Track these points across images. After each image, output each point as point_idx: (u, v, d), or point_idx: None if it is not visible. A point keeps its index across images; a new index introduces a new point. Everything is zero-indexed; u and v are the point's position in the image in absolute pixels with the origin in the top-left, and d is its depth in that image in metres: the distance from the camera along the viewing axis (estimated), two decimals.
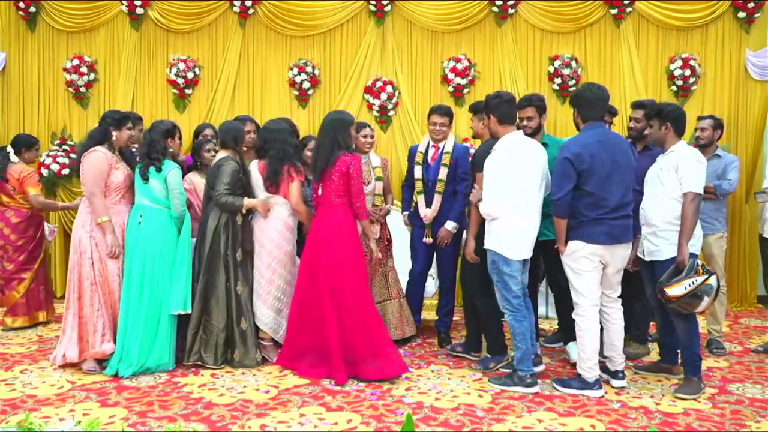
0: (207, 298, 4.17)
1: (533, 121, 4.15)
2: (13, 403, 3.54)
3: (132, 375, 3.95)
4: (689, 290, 3.50)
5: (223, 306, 4.16)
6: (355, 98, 6.22)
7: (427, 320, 5.10)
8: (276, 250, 4.23)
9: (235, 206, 4.16)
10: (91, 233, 4.11)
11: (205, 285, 4.16)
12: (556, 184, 3.64)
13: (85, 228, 4.13)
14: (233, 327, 4.18)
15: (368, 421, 3.31)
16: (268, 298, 4.23)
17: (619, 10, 6.02)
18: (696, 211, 3.64)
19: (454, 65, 6.08)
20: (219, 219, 4.19)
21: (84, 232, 4.12)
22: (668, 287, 3.54)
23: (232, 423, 3.30)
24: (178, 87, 6.28)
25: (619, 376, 3.81)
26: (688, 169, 3.64)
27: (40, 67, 6.47)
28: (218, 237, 4.17)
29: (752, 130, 6.02)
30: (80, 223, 4.18)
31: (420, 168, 4.72)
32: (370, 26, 6.21)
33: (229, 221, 4.20)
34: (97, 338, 4.05)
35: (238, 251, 4.22)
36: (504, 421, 3.33)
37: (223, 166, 4.19)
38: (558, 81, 6.09)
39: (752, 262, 5.91)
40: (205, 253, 4.17)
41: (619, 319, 3.80)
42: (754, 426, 3.31)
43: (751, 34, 6.00)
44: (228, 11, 6.29)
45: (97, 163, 4.12)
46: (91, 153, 4.15)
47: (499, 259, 3.76)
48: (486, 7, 6.10)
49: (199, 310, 4.15)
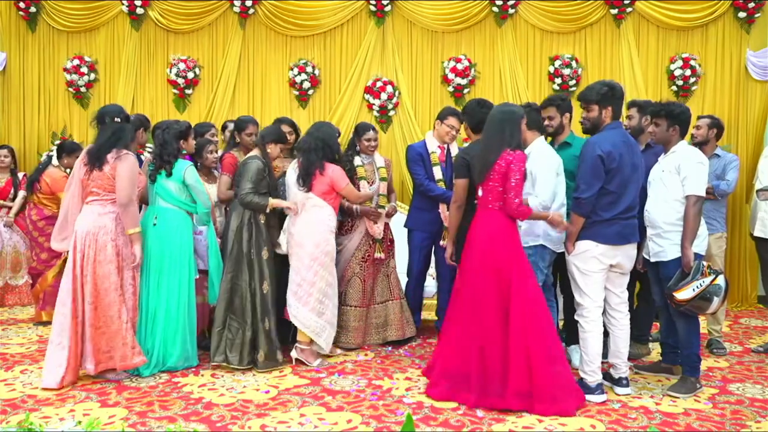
0: (231, 297, 4.14)
1: (554, 121, 4.16)
2: (14, 403, 3.53)
3: (151, 375, 3.98)
4: (697, 292, 3.49)
5: (248, 305, 4.11)
6: (356, 98, 6.23)
7: (427, 320, 5.09)
8: (316, 251, 4.13)
9: (260, 205, 4.14)
10: (116, 240, 3.83)
11: (229, 284, 4.14)
12: (586, 182, 3.57)
13: (108, 235, 3.82)
14: (258, 326, 4.12)
15: (368, 421, 3.31)
16: (310, 300, 4.13)
17: (620, 10, 6.03)
18: (699, 213, 3.64)
19: (455, 65, 6.09)
20: (242, 218, 4.16)
21: (108, 239, 3.81)
22: (677, 291, 3.54)
23: (232, 423, 3.30)
24: (178, 87, 6.29)
25: (622, 383, 3.76)
26: (690, 172, 3.63)
27: (41, 67, 6.47)
28: (240, 236, 4.14)
29: (752, 130, 6.02)
30: (97, 228, 3.82)
31: (439, 168, 4.69)
32: (371, 26, 6.21)
33: (251, 220, 4.17)
34: (128, 351, 3.83)
35: (263, 250, 4.19)
36: (504, 421, 3.33)
37: (248, 164, 4.18)
38: (558, 81, 6.09)
39: (752, 262, 5.90)
40: (228, 252, 4.16)
41: (625, 325, 3.74)
42: (755, 426, 3.30)
43: (751, 34, 6.00)
44: (228, 11, 6.30)
45: (135, 168, 3.88)
46: (128, 156, 3.86)
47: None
48: (486, 7, 6.11)
49: (224, 309, 4.12)
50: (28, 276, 5.90)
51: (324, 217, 4.19)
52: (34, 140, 6.48)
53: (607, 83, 3.73)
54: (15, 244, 5.92)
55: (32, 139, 6.48)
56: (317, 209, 4.18)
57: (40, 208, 5.48)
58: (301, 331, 4.18)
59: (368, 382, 3.92)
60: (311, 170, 4.16)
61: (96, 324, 3.80)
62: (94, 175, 3.85)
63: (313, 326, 4.15)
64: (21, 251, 5.94)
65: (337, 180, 4.19)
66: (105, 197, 3.87)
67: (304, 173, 4.18)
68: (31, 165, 6.40)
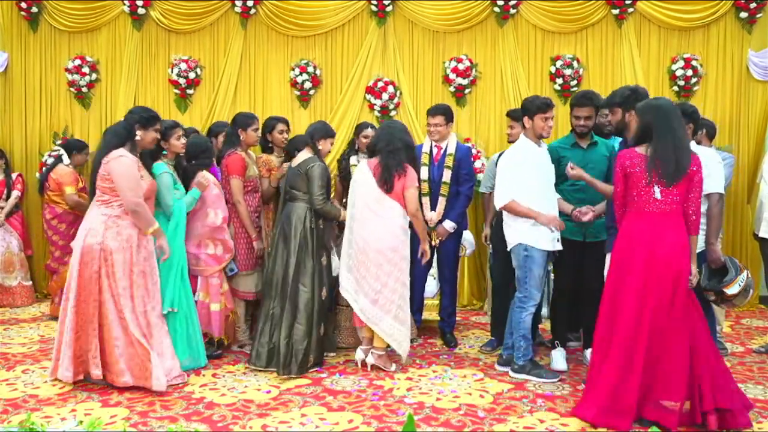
0: (296, 304, 4.08)
1: (590, 121, 4.19)
2: (15, 403, 3.54)
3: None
4: (743, 286, 3.51)
5: (310, 311, 4.07)
6: (357, 98, 6.23)
7: (427, 320, 5.09)
8: (392, 254, 4.02)
9: (334, 215, 4.16)
10: (102, 244, 3.67)
11: (294, 290, 4.08)
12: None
13: (95, 237, 3.67)
14: (313, 332, 4.08)
15: (369, 422, 3.31)
16: (392, 308, 4.01)
17: (621, 10, 6.02)
18: (722, 210, 3.68)
19: (456, 65, 6.08)
20: (305, 222, 4.12)
21: (94, 241, 3.67)
22: (727, 287, 3.51)
23: (233, 423, 3.30)
24: (180, 87, 6.29)
25: None
26: (712, 170, 3.62)
27: (42, 67, 6.48)
28: (306, 241, 4.10)
29: (754, 130, 6.02)
30: (83, 229, 3.74)
31: (426, 169, 4.69)
32: (372, 26, 6.21)
33: (316, 225, 4.15)
34: (167, 358, 3.75)
35: (323, 256, 4.19)
36: (505, 421, 3.33)
37: (313, 168, 4.12)
38: (560, 81, 6.08)
39: (753, 262, 5.89)
40: (291, 257, 4.09)
41: None
42: (756, 426, 3.29)
43: (753, 34, 6.00)
44: (229, 11, 6.30)
45: (132, 168, 3.72)
46: (118, 158, 3.70)
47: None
48: (487, 7, 6.11)
49: (290, 318, 4.06)
50: (22, 277, 5.97)
51: (396, 217, 4.06)
52: (36, 140, 6.47)
53: (631, 87, 3.77)
54: (9, 245, 5.90)
55: (34, 139, 6.48)
56: (390, 210, 4.05)
57: (51, 207, 5.52)
58: (378, 337, 4.07)
59: (369, 382, 3.92)
60: (393, 171, 4.01)
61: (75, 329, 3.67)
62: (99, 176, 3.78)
63: (397, 335, 4.04)
64: (15, 252, 5.92)
65: (410, 180, 4.04)
66: (102, 199, 3.77)
67: (386, 174, 4.02)
68: (32, 165, 6.41)
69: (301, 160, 4.22)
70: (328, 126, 4.43)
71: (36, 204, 6.32)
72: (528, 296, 3.94)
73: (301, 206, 4.16)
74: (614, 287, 3.29)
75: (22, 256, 6.00)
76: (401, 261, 4.06)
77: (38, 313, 5.72)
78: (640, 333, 3.16)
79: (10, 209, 5.90)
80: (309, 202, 4.15)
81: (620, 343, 3.19)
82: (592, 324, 3.48)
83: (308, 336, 4.04)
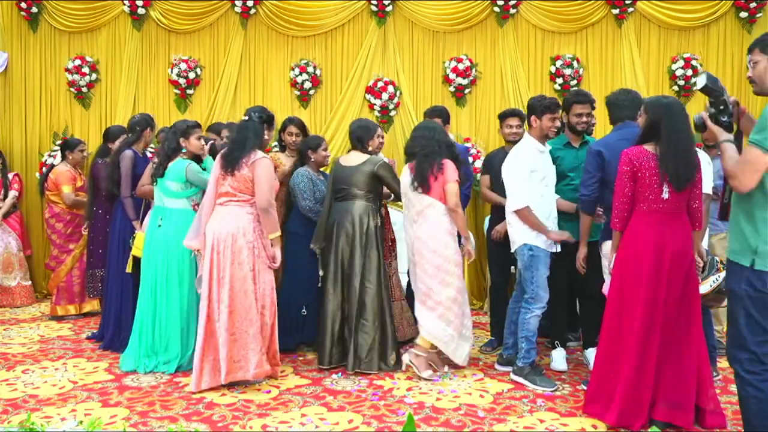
0: (363, 302, 4.10)
1: (591, 118, 4.24)
2: (15, 403, 3.54)
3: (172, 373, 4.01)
4: (714, 287, 3.50)
5: (378, 310, 4.11)
6: (357, 98, 6.23)
7: None
8: (437, 258, 3.96)
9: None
10: (254, 243, 3.74)
11: (360, 289, 4.11)
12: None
13: (246, 237, 3.72)
14: (387, 329, 4.15)
15: (369, 422, 3.31)
16: (438, 308, 3.96)
17: (621, 10, 6.02)
18: (708, 210, 3.70)
19: (456, 65, 6.08)
20: (369, 220, 4.16)
21: (244, 241, 3.71)
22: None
23: (233, 423, 3.30)
24: (180, 87, 6.29)
25: None
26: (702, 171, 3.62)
27: (42, 68, 6.48)
28: (372, 239, 4.15)
29: None
30: (234, 228, 3.72)
31: None
32: (372, 26, 6.21)
33: (379, 222, 4.23)
34: (263, 357, 3.76)
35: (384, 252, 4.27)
36: (505, 421, 3.33)
37: (382, 165, 4.21)
38: (560, 81, 6.08)
39: None
40: (356, 255, 4.12)
41: None
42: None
43: (753, 34, 5.98)
44: (229, 11, 6.30)
45: (271, 171, 3.80)
46: (263, 159, 3.75)
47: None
48: (487, 7, 6.11)
49: (356, 317, 4.10)
50: (22, 277, 5.97)
51: (439, 218, 3.99)
52: (36, 140, 6.47)
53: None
54: (7, 245, 5.91)
55: (34, 140, 6.48)
56: (432, 209, 3.99)
57: (51, 206, 5.56)
58: (423, 337, 4.02)
59: (369, 382, 3.92)
60: (427, 173, 3.96)
61: (230, 329, 3.69)
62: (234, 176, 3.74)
63: (440, 335, 3.95)
64: (14, 252, 5.93)
65: (449, 175, 3.96)
66: (242, 198, 3.78)
67: (419, 177, 3.98)
68: (32, 165, 6.41)
69: (363, 159, 4.23)
70: (370, 123, 4.50)
71: (35, 204, 6.33)
72: (535, 298, 3.89)
73: (363, 204, 4.20)
74: (622, 288, 3.21)
75: (21, 256, 6.00)
76: (447, 264, 3.97)
77: (38, 313, 5.72)
78: (653, 332, 3.11)
79: (8, 209, 5.90)
80: (371, 201, 4.22)
81: (635, 343, 3.12)
82: (592, 324, 3.47)
83: (379, 332, 4.10)
